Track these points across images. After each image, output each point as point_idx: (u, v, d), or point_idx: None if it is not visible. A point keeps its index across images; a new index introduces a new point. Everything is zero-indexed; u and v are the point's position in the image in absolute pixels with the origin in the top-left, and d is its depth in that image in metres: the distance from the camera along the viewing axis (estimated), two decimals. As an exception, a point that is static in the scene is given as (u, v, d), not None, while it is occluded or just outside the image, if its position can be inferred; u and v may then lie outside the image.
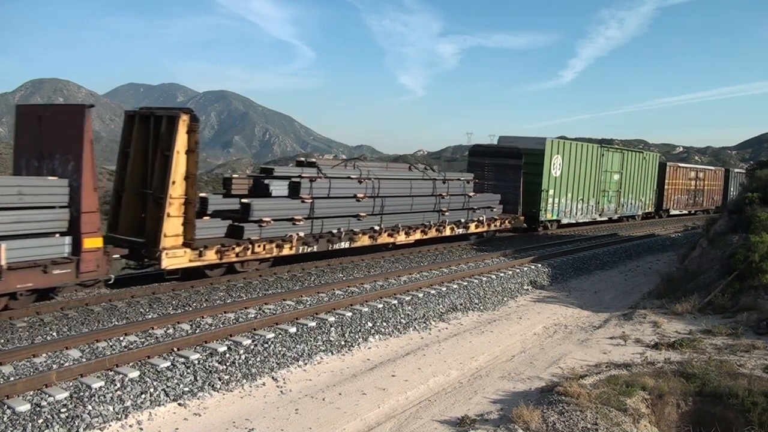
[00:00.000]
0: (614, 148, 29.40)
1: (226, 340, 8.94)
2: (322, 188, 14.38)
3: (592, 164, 26.44)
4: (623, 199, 29.82)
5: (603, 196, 27.83)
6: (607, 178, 27.95)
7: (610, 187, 28.47)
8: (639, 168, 31.17)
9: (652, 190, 32.95)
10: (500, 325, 11.97)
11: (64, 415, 6.51)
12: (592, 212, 27.16)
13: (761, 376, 8.41)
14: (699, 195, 39.74)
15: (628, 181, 30.00)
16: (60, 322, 9.36)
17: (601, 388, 7.73)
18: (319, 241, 14.12)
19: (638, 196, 31.42)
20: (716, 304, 12.72)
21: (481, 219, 19.63)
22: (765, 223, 14.05)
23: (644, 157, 31.92)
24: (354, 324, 10.50)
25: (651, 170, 32.71)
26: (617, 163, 28.95)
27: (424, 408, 7.76)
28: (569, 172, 24.86)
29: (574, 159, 25.12)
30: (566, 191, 24.82)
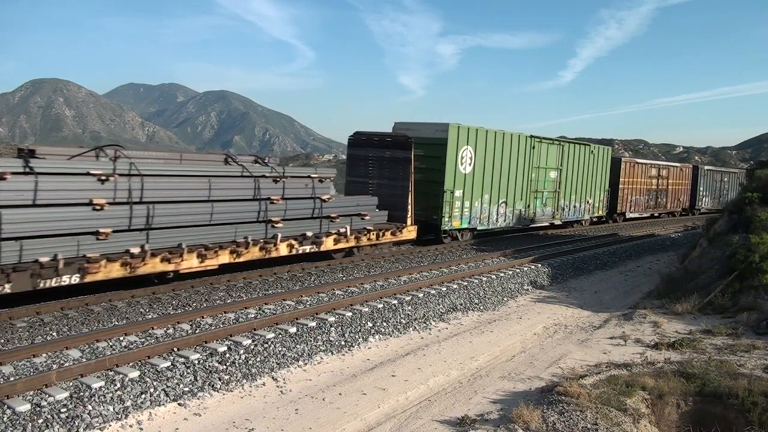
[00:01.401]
0: (549, 140, 23.50)
1: (226, 340, 8.94)
2: (19, 190, 9.31)
3: (520, 159, 21.60)
4: (563, 202, 24.98)
5: (535, 198, 23.09)
6: (540, 175, 23.17)
7: (545, 187, 23.61)
8: (584, 164, 26.10)
9: (603, 190, 27.93)
10: (500, 325, 11.97)
11: (64, 415, 6.51)
12: (520, 217, 22.45)
13: (761, 376, 8.41)
14: (662, 195, 35.11)
15: (569, 179, 25.04)
16: (60, 322, 9.36)
17: (601, 388, 7.73)
18: (13, 277, 8.84)
19: (584, 197, 26.42)
20: (716, 304, 12.73)
21: (344, 231, 14.51)
22: (765, 223, 14.06)
23: (592, 151, 26.57)
24: (354, 324, 10.50)
25: (601, 167, 27.52)
26: (554, 158, 23.92)
27: (424, 408, 7.76)
28: (486, 168, 19.91)
29: (492, 152, 20.14)
30: (482, 192, 19.91)
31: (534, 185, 22.86)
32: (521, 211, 22.24)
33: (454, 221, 19.03)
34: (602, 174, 27.75)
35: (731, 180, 43.88)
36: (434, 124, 18.82)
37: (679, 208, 37.74)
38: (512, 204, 21.65)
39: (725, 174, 44.16)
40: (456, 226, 19.13)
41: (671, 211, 36.93)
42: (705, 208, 40.26)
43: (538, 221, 23.59)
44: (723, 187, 42.76)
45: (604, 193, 28.17)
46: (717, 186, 41.91)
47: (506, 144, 20.87)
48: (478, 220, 20.08)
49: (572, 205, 25.72)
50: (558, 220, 24.97)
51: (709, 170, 41.79)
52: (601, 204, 28.08)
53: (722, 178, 42.89)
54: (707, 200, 40.74)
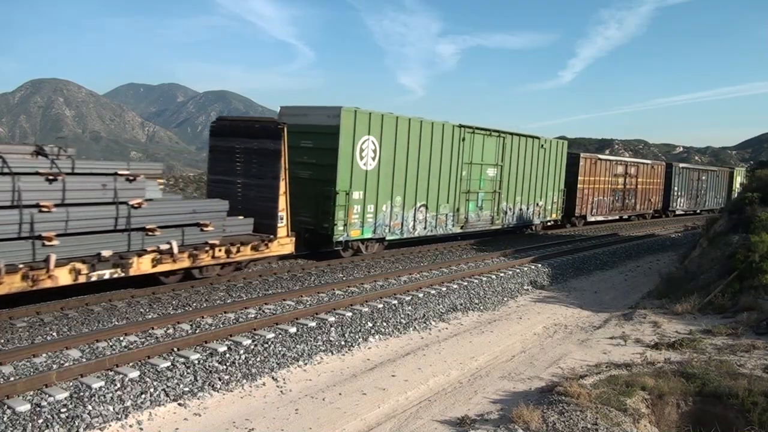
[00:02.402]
0: (484, 131, 19.62)
1: (226, 340, 8.94)
2: None
3: (445, 153, 17.95)
4: (506, 204, 21.33)
5: (467, 200, 19.31)
6: (474, 173, 19.41)
7: (481, 187, 19.83)
8: (533, 160, 22.44)
9: (558, 190, 24.37)
10: (500, 325, 11.97)
11: (64, 415, 6.51)
12: (447, 223, 18.52)
13: (761, 376, 8.41)
14: (630, 196, 31.55)
15: (513, 178, 21.35)
16: (60, 322, 9.35)
17: (601, 388, 7.73)
18: None
19: (533, 198, 22.86)
20: (716, 304, 12.73)
21: (169, 248, 10.66)
22: (765, 223, 14.06)
23: (542, 146, 22.81)
24: (354, 324, 10.50)
25: (554, 164, 23.91)
26: (492, 153, 20.20)
27: (424, 408, 7.76)
28: (397, 164, 16.25)
29: (405, 144, 16.45)
30: (391, 194, 16.17)
31: (465, 185, 19.06)
32: (448, 216, 18.49)
33: (352, 230, 15.20)
34: (556, 172, 24.13)
35: (710, 179, 41.08)
36: (325, 108, 15.12)
37: (651, 210, 34.23)
38: (435, 208, 17.89)
39: (703, 172, 40.93)
40: (355, 236, 15.37)
41: (641, 213, 33.48)
42: (680, 210, 37.82)
43: (472, 227, 19.86)
44: (700, 187, 39.63)
45: (558, 193, 24.47)
46: (694, 186, 38.77)
47: (425, 135, 17.17)
48: (388, 228, 16.31)
49: (517, 208, 22.06)
50: (498, 225, 21.23)
51: (685, 168, 38.12)
52: (555, 206, 24.44)
53: (699, 177, 39.66)
54: (682, 201, 37.68)
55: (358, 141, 15.12)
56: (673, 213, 37.23)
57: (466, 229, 19.68)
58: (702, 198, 39.57)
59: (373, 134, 15.48)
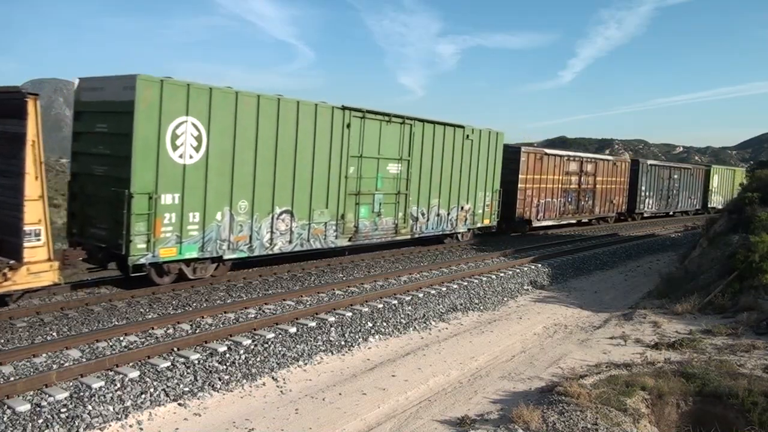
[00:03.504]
0: (382, 116, 15.41)
1: (226, 340, 8.94)
2: None
3: (321, 143, 13.71)
4: (417, 208, 17.05)
5: (357, 203, 15.01)
6: (366, 170, 15.14)
7: (379, 188, 15.64)
8: (455, 154, 18.12)
9: (490, 191, 20.13)
10: (500, 325, 11.97)
11: (64, 415, 6.51)
12: (327, 234, 14.31)
13: (761, 376, 8.41)
14: (586, 197, 27.21)
15: (426, 176, 17.14)
16: (60, 322, 9.35)
17: (601, 388, 7.73)
18: None
19: (457, 201, 18.54)
20: (716, 304, 12.73)
21: None
22: (765, 223, 14.07)
23: (468, 136, 18.52)
24: (354, 324, 10.50)
25: (487, 159, 19.65)
26: (394, 144, 15.90)
27: (424, 408, 7.75)
28: (239, 156, 11.97)
29: (252, 130, 12.17)
30: (230, 197, 11.95)
31: (354, 185, 14.85)
32: (329, 225, 14.29)
33: (162, 248, 10.97)
34: (489, 168, 19.88)
35: (683, 178, 36.80)
36: (120, 78, 10.75)
37: (613, 213, 29.99)
38: (307, 214, 13.64)
39: (675, 170, 36.19)
40: (167, 256, 11.13)
41: (602, 216, 29.41)
42: (649, 212, 33.86)
43: (367, 237, 15.58)
44: (672, 186, 35.41)
45: (492, 194, 20.22)
46: (664, 185, 34.61)
47: (286, 119, 12.80)
48: (227, 244, 12.01)
49: (434, 213, 17.75)
50: (406, 235, 16.91)
51: (654, 165, 34.03)
52: (488, 210, 20.17)
53: (671, 175, 35.33)
54: (651, 202, 33.46)
55: (169, 124, 10.80)
56: (641, 216, 33.59)
57: (357, 241, 15.26)
58: (674, 199, 35.86)
59: (195, 115, 11.09)
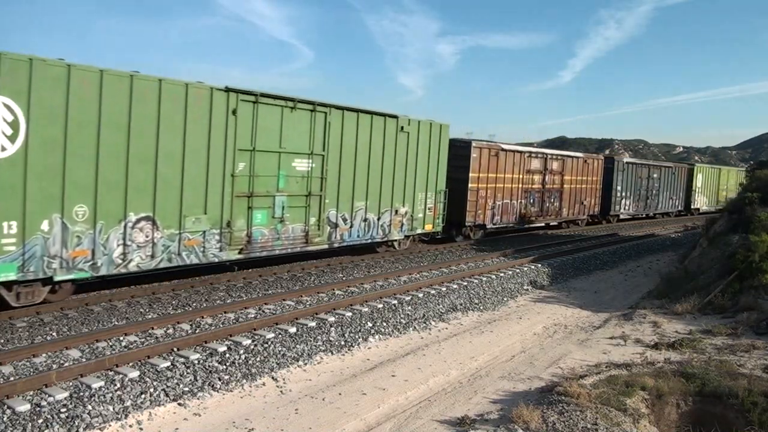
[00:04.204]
0: (285, 101, 12.91)
1: (226, 340, 8.94)
2: None
3: (193, 132, 11.24)
4: (336, 213, 14.42)
5: (250, 207, 12.40)
6: (262, 166, 12.52)
7: (281, 188, 12.99)
8: (387, 149, 15.65)
9: (433, 191, 17.48)
10: (500, 325, 11.97)
11: (63, 415, 6.51)
12: (208, 246, 11.68)
13: (761, 376, 8.41)
14: (552, 198, 24.62)
15: (348, 174, 14.60)
16: (60, 322, 9.36)
17: (601, 388, 7.73)
18: None
19: (390, 203, 16.01)
20: (716, 304, 12.74)
21: None
22: (765, 223, 14.07)
23: (402, 128, 16.01)
24: (354, 324, 10.50)
25: (428, 154, 17.12)
26: (303, 135, 13.41)
27: (424, 408, 7.76)
28: (71, 148, 9.64)
29: (94, 115, 9.89)
30: (63, 200, 9.61)
31: (245, 184, 12.20)
32: (209, 234, 11.64)
33: None
34: (431, 166, 17.28)
35: (664, 177, 34.32)
36: None
37: (584, 215, 27.51)
38: (176, 221, 11.06)
39: (654, 169, 33.67)
40: None
41: (571, 219, 26.80)
42: (626, 214, 31.46)
43: (266, 248, 12.82)
44: (651, 186, 32.96)
45: (435, 195, 17.60)
46: (643, 185, 32.11)
47: (142, 101, 10.43)
48: (58, 262, 9.59)
49: (359, 217, 15.11)
50: (322, 244, 14.16)
51: (631, 164, 31.39)
52: (431, 213, 17.54)
53: (650, 175, 32.82)
54: (628, 203, 30.93)
55: None
56: (616, 218, 31.25)
57: (251, 254, 12.49)
58: (653, 200, 33.44)
59: (8, 94, 8.91)
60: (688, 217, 37.72)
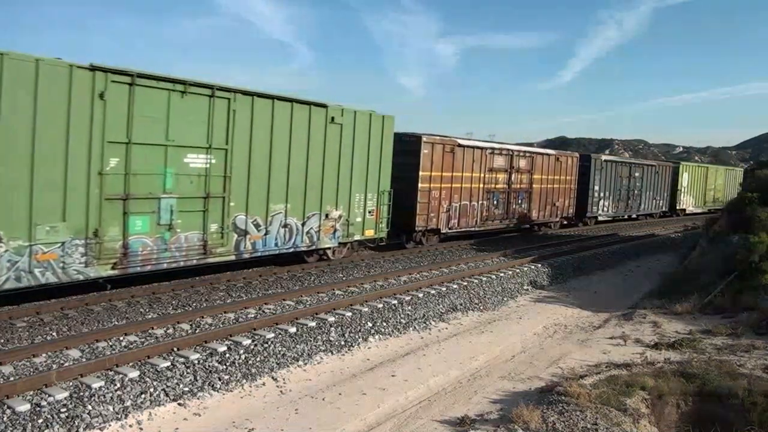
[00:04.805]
0: (174, 83, 10.65)
1: (226, 340, 8.94)
2: None
3: (41, 120, 8.95)
4: (247, 218, 12.13)
5: (126, 212, 10.18)
6: (141, 162, 10.32)
7: (168, 189, 10.78)
8: (314, 143, 13.43)
9: (375, 192, 15.34)
10: (500, 325, 11.97)
11: (63, 415, 6.51)
12: (69, 261, 9.48)
13: (761, 376, 8.41)
14: (519, 199, 22.38)
15: (261, 172, 12.35)
16: (60, 322, 9.35)
17: (601, 388, 7.73)
18: None
19: (319, 205, 13.77)
20: (716, 304, 12.75)
21: None
22: (765, 223, 14.08)
23: (333, 119, 13.81)
24: (354, 324, 10.50)
25: (367, 149, 14.92)
26: (200, 125, 11.25)
27: (424, 408, 7.76)
28: None
29: None
30: None
31: (120, 184, 10.07)
32: (70, 246, 9.51)
33: None
34: (372, 163, 15.11)
35: (647, 177, 32.07)
36: None
37: (557, 217, 25.20)
38: (25, 232, 8.96)
39: (636, 168, 31.39)
40: None
41: (543, 222, 24.45)
42: (604, 216, 29.42)
43: (149, 261, 10.62)
44: (633, 186, 30.85)
45: (378, 197, 15.45)
46: (623, 185, 29.96)
47: None
48: None
49: (278, 222, 12.80)
50: (229, 255, 11.95)
51: (610, 162, 28.89)
52: (373, 217, 15.39)
53: (632, 174, 30.57)
54: (607, 204, 28.62)
55: None
56: (594, 220, 29.13)
57: (129, 268, 10.36)
58: (635, 200, 31.32)
59: None
60: (673, 218, 36.01)
